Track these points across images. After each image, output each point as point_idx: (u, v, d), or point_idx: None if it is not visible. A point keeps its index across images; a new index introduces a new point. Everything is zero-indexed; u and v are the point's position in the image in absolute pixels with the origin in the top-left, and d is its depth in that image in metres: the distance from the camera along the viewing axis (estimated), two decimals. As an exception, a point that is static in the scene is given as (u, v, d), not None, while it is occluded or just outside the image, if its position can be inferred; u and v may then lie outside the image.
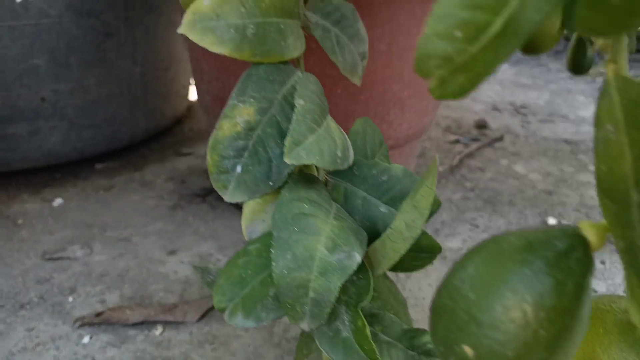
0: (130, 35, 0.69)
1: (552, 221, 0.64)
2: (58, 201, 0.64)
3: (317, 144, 0.24)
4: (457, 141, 0.89)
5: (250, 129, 0.27)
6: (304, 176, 0.27)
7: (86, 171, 0.72)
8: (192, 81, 0.92)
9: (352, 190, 0.30)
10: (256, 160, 0.27)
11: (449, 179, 0.75)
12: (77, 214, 0.61)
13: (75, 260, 0.53)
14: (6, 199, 0.64)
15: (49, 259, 0.53)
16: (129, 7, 0.67)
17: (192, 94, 1.01)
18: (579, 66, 0.82)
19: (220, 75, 0.53)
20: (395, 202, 0.30)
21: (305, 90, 0.25)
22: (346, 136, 0.28)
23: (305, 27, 0.31)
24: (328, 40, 0.31)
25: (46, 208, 0.62)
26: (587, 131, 0.97)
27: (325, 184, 0.30)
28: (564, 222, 0.65)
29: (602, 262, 0.57)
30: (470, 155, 0.83)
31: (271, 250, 0.22)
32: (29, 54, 0.61)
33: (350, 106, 0.51)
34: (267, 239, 0.26)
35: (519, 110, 1.07)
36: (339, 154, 0.25)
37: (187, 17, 0.26)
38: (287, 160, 0.23)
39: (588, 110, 1.09)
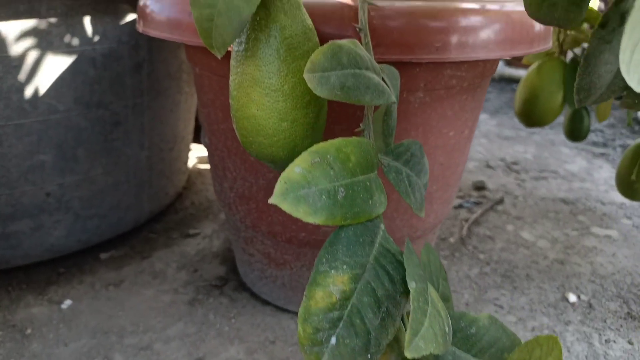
0: (138, 121, 0.67)
1: (572, 298, 0.65)
2: (67, 303, 0.60)
3: (431, 326, 0.23)
4: (460, 206, 0.90)
5: (345, 298, 0.25)
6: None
7: (90, 263, 0.68)
8: (192, 151, 0.90)
9: (441, 344, 0.29)
10: (353, 332, 0.25)
11: (462, 251, 0.75)
12: (90, 318, 0.58)
13: (96, 377, 0.50)
14: (9, 303, 0.60)
15: (68, 379, 0.49)
16: (137, 95, 0.65)
17: (190, 163, 0.99)
18: (576, 134, 0.84)
19: (247, 176, 0.51)
20: (484, 353, 0.29)
21: (413, 268, 0.24)
22: (443, 303, 0.27)
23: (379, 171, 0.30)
24: (402, 183, 0.30)
25: (55, 312, 0.58)
26: (579, 188, 0.99)
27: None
28: (583, 297, 0.65)
29: (630, 342, 0.58)
30: (476, 222, 0.84)
31: None
32: (35, 150, 0.58)
33: (382, 204, 0.50)
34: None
35: (511, 167, 1.10)
36: (447, 329, 0.24)
37: (280, 186, 0.25)
38: (408, 355, 0.22)
39: (575, 164, 1.13)
